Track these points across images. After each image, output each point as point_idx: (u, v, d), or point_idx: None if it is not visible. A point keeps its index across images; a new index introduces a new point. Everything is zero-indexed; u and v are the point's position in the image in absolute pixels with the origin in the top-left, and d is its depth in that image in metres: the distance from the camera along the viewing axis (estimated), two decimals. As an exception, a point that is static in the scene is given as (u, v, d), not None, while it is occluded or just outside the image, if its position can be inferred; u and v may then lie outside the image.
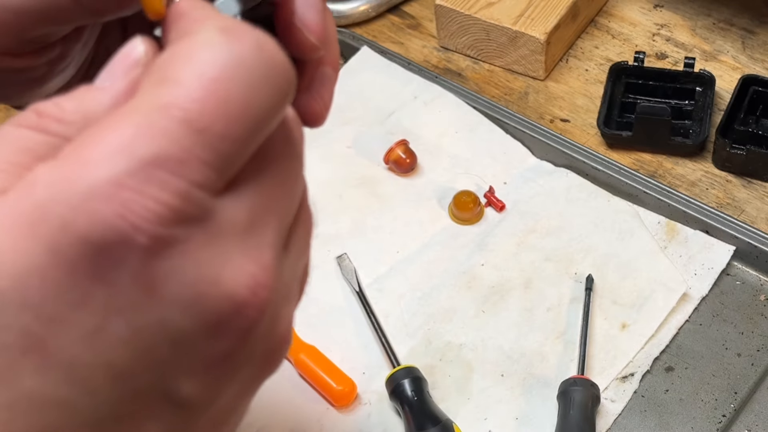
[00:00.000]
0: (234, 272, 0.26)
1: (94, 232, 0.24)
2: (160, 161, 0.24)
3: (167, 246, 0.25)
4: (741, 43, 0.94)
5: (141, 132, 0.24)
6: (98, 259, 0.24)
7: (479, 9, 0.92)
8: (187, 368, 0.26)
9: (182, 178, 0.24)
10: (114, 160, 0.24)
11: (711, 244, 0.77)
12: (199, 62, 0.25)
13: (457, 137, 0.87)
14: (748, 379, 0.69)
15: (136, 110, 0.25)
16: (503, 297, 0.75)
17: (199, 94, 0.25)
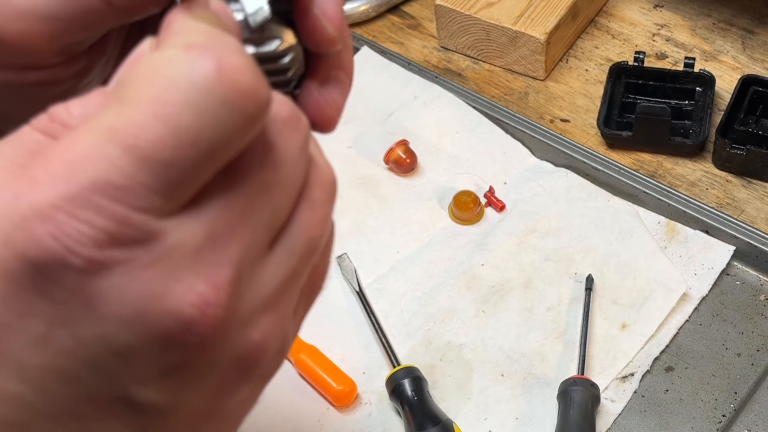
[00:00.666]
0: (181, 291, 0.26)
1: (30, 250, 0.25)
2: (97, 187, 0.25)
3: (103, 267, 0.25)
4: (741, 43, 0.94)
5: (86, 156, 0.25)
6: (37, 275, 0.25)
7: (479, 9, 0.92)
8: (141, 377, 0.27)
9: (120, 204, 0.25)
10: (56, 183, 0.25)
11: (711, 244, 0.77)
12: (153, 84, 0.26)
13: (457, 137, 0.87)
14: (748, 379, 0.69)
15: (89, 131, 0.25)
16: (503, 297, 0.75)
17: (147, 120, 0.25)
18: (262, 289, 0.29)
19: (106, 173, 0.25)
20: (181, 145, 0.25)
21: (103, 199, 0.25)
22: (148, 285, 0.26)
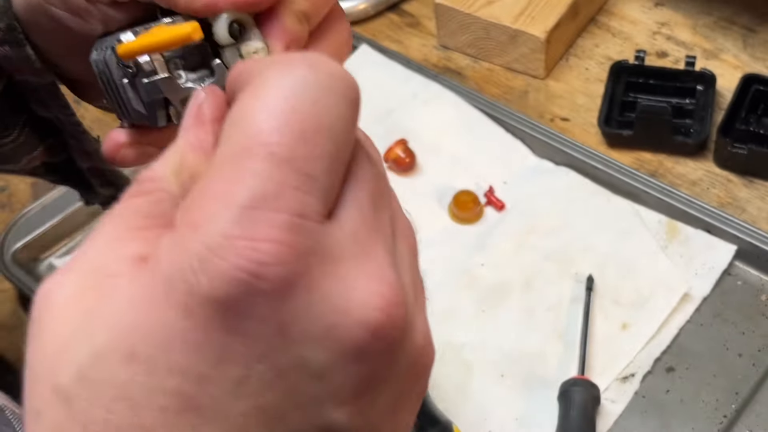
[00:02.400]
0: (362, 297, 0.26)
1: (216, 289, 0.24)
2: (257, 202, 0.25)
3: (289, 285, 0.25)
4: (742, 42, 0.93)
5: (232, 180, 0.25)
6: (228, 313, 0.25)
7: (479, 7, 0.92)
8: (337, 398, 0.26)
9: (283, 212, 0.25)
10: (217, 216, 0.25)
11: (712, 243, 0.76)
12: (264, 98, 0.26)
13: (456, 136, 0.86)
14: (750, 380, 0.69)
15: (222, 162, 0.26)
16: (503, 297, 0.75)
17: (272, 126, 0.26)
18: (408, 287, 0.29)
19: (260, 186, 0.25)
20: (311, 138, 0.26)
21: (268, 212, 0.25)
22: (330, 297, 0.26)
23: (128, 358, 0.25)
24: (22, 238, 0.81)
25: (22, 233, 0.81)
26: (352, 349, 0.26)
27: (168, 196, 0.28)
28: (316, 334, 0.25)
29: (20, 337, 0.80)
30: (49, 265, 0.81)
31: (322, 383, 0.26)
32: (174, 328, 0.25)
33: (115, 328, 0.25)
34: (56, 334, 0.26)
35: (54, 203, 0.83)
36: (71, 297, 0.27)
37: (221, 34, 0.36)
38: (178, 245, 0.25)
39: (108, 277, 0.27)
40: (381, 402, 0.27)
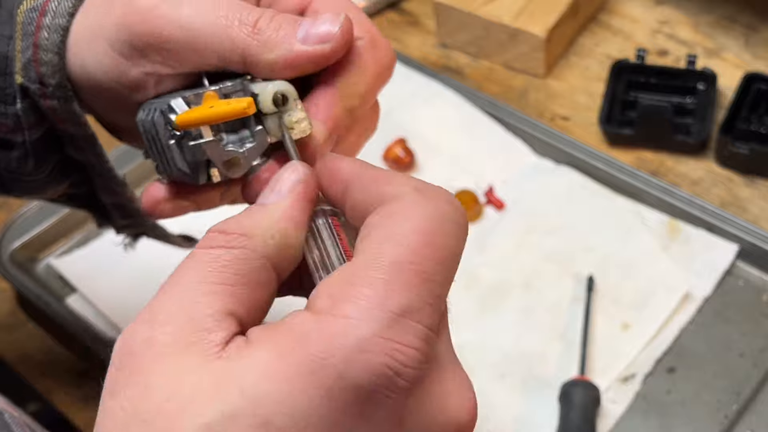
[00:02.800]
0: (456, 400, 0.31)
1: (365, 379, 0.28)
2: (406, 312, 0.29)
3: (416, 385, 0.29)
4: (744, 40, 0.93)
5: (387, 287, 0.29)
6: (366, 401, 0.28)
7: (479, 6, 0.91)
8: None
9: (423, 324, 0.29)
10: (373, 317, 0.29)
11: (714, 243, 0.76)
12: (413, 221, 0.31)
13: (456, 135, 0.86)
14: (751, 380, 0.69)
15: (374, 268, 0.30)
16: (503, 297, 0.75)
17: (424, 252, 0.30)
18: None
19: (409, 298, 0.29)
20: (445, 266, 0.31)
21: (414, 322, 0.29)
22: (436, 397, 0.30)
23: (262, 425, 0.28)
24: (20, 238, 0.81)
25: (19, 232, 0.81)
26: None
27: (255, 256, 0.31)
28: (420, 427, 0.30)
29: (19, 337, 0.80)
30: (47, 264, 0.81)
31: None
32: (315, 407, 0.28)
33: (251, 395, 0.28)
34: (173, 388, 0.29)
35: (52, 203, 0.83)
36: (172, 349, 0.29)
37: (265, 104, 0.38)
38: (333, 334, 0.28)
39: (205, 332, 0.30)
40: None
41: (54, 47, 0.42)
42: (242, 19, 0.38)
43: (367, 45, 0.40)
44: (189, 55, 0.39)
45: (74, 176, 0.50)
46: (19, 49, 0.43)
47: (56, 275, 0.80)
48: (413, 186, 0.32)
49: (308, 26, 0.38)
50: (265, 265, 0.32)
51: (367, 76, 0.40)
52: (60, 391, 0.73)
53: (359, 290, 0.29)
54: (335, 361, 0.28)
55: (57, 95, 0.42)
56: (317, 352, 0.28)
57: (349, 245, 0.34)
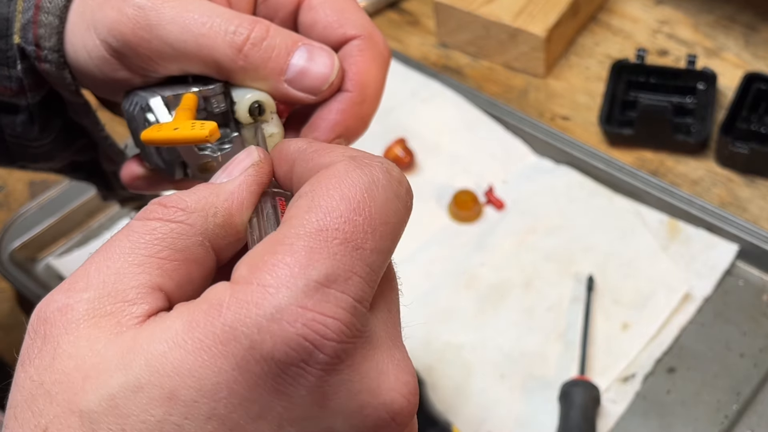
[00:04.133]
0: (391, 382, 0.29)
1: (279, 351, 0.26)
2: (330, 281, 0.27)
3: (340, 360, 0.27)
4: (744, 40, 0.93)
5: (309, 255, 0.27)
6: (281, 375, 0.26)
7: (479, 6, 0.91)
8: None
9: (348, 294, 0.27)
10: (291, 285, 0.27)
11: (713, 243, 0.76)
12: (345, 190, 0.29)
13: (456, 135, 0.86)
14: (751, 380, 0.68)
15: (298, 236, 0.28)
16: (503, 297, 0.75)
17: (351, 218, 0.28)
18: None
19: (334, 267, 0.27)
20: (378, 234, 0.29)
21: (337, 292, 0.27)
22: (367, 378, 0.28)
23: (168, 397, 0.26)
24: (20, 238, 0.81)
25: (19, 233, 0.81)
26: (371, 428, 0.28)
27: (193, 232, 0.30)
28: (349, 410, 0.28)
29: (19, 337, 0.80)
30: (47, 264, 0.81)
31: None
32: (224, 378, 0.26)
33: (157, 366, 0.26)
34: (80, 358, 0.27)
35: (51, 203, 0.83)
36: (87, 320, 0.28)
37: (242, 113, 0.38)
38: (247, 303, 0.26)
39: (126, 303, 0.28)
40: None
41: (56, 10, 0.41)
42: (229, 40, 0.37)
43: (364, 45, 0.40)
44: (174, 67, 0.39)
45: (79, 142, 0.49)
46: (20, 9, 0.43)
47: (56, 275, 0.80)
48: (348, 155, 0.31)
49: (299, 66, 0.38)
50: (202, 243, 0.30)
51: (373, 83, 0.40)
52: (60, 391, 0.73)
53: (280, 258, 0.27)
54: (247, 330, 0.26)
55: (50, 59, 0.42)
56: (229, 322, 0.26)
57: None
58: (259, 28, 0.38)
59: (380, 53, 0.40)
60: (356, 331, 0.27)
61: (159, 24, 0.38)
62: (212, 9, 0.38)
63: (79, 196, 0.83)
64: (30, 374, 0.28)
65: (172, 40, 0.38)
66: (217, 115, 0.39)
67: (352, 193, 0.29)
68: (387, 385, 0.28)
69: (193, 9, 0.38)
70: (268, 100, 0.38)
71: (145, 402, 0.26)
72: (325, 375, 0.27)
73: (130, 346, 0.27)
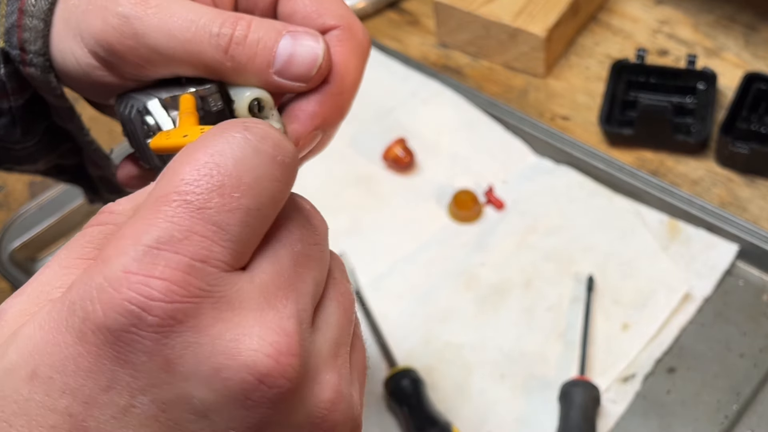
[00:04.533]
0: (253, 343, 0.27)
1: (109, 318, 0.26)
2: (163, 243, 0.27)
3: (177, 322, 0.27)
4: (744, 40, 0.93)
5: (145, 222, 0.27)
6: (117, 342, 0.26)
7: (479, 6, 0.91)
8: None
9: (183, 255, 0.27)
10: (123, 252, 0.27)
11: (713, 243, 0.76)
12: (192, 154, 0.29)
13: (456, 135, 0.86)
14: (751, 380, 0.68)
15: (144, 206, 0.28)
16: (503, 297, 0.75)
17: (192, 178, 0.28)
18: (319, 347, 0.30)
19: (167, 229, 0.27)
20: (227, 193, 0.28)
21: (169, 254, 0.27)
22: (220, 340, 0.27)
23: (30, 376, 0.27)
24: (20, 238, 0.81)
25: (19, 233, 0.81)
26: (237, 393, 0.27)
27: (112, 229, 0.30)
28: (202, 374, 0.27)
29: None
30: (47, 264, 0.81)
31: (206, 423, 0.27)
32: (69, 351, 0.27)
33: (24, 348, 0.27)
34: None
35: (51, 203, 0.83)
36: (15, 318, 0.29)
37: (242, 111, 0.38)
38: (86, 276, 0.27)
39: (49, 302, 0.28)
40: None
41: (41, 14, 0.41)
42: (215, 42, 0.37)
43: (343, 35, 0.40)
44: (166, 71, 0.39)
45: (63, 146, 0.50)
46: (3, 13, 0.43)
47: (56, 275, 0.80)
48: (220, 124, 0.31)
49: (285, 55, 0.38)
50: None
51: (350, 73, 0.39)
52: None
53: (122, 232, 0.28)
54: (82, 303, 0.27)
55: (35, 63, 0.42)
56: (72, 297, 0.27)
57: None
58: (241, 26, 0.38)
59: (359, 44, 0.40)
60: (194, 290, 0.27)
61: (145, 33, 0.38)
62: (195, 11, 0.38)
63: (79, 196, 0.83)
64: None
65: (160, 48, 0.38)
66: (214, 113, 0.39)
67: (196, 156, 0.28)
68: (248, 345, 0.27)
69: (177, 13, 0.38)
70: (267, 97, 0.38)
71: (14, 383, 0.27)
72: (162, 338, 0.26)
73: (13, 334, 0.28)
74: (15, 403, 0.27)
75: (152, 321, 0.26)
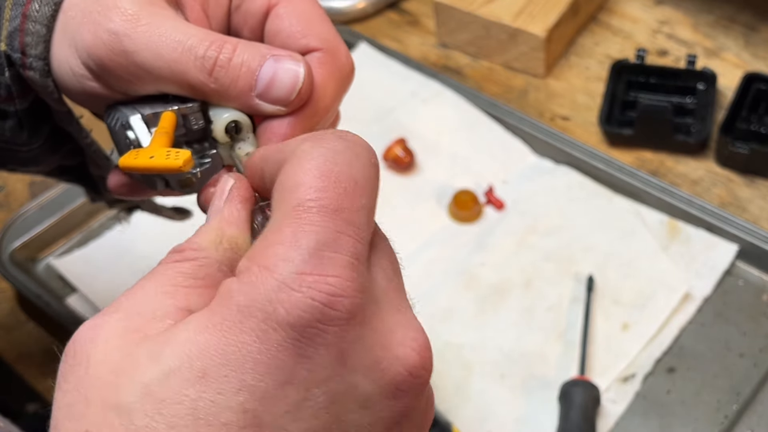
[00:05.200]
0: (400, 337, 0.30)
1: (292, 315, 0.28)
2: (321, 246, 0.29)
3: (353, 315, 0.29)
4: (743, 40, 0.93)
5: (295, 231, 0.29)
6: (299, 338, 0.28)
7: (479, 6, 0.91)
8: (374, 430, 0.30)
9: (342, 254, 0.29)
10: (288, 258, 0.29)
11: (713, 243, 0.76)
12: (305, 165, 0.31)
13: (456, 135, 0.86)
14: (751, 380, 0.69)
15: (281, 218, 0.30)
16: (503, 297, 0.75)
17: (319, 185, 0.30)
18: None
19: (320, 233, 0.29)
20: (351, 193, 0.30)
21: (332, 253, 0.29)
22: (376, 333, 0.30)
23: (199, 377, 0.28)
24: (20, 238, 0.81)
25: (19, 233, 0.81)
26: (390, 383, 0.30)
27: (211, 262, 0.32)
28: (366, 365, 0.29)
29: (18, 336, 0.80)
30: (47, 264, 0.81)
31: (366, 413, 0.30)
32: (248, 350, 0.28)
33: (184, 350, 0.28)
34: (112, 362, 0.29)
35: (51, 203, 0.83)
36: (117, 335, 0.30)
37: (218, 133, 0.39)
38: (252, 283, 0.29)
39: (154, 320, 0.30)
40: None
41: (44, 19, 0.42)
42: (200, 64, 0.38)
43: (325, 58, 0.40)
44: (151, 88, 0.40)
45: (67, 147, 0.50)
46: (7, 17, 0.43)
47: (56, 275, 0.80)
48: (303, 138, 0.33)
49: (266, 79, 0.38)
50: (219, 268, 0.33)
51: (326, 97, 0.40)
52: (60, 391, 0.73)
53: (270, 241, 0.29)
54: (260, 305, 0.28)
55: (35, 66, 0.43)
56: (242, 302, 0.29)
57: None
58: (226, 49, 0.38)
59: (340, 68, 0.41)
60: (361, 285, 0.29)
61: (134, 50, 0.38)
62: (183, 31, 0.39)
63: (79, 196, 0.83)
64: (65, 389, 0.29)
65: (148, 66, 0.39)
66: (196, 131, 0.40)
67: (314, 165, 0.30)
68: (396, 340, 0.30)
69: (165, 33, 0.39)
70: (245, 120, 0.39)
71: (178, 384, 0.28)
72: (340, 331, 0.28)
73: (159, 343, 0.29)
74: (178, 404, 0.28)
75: (335, 315, 0.28)
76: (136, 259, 0.60)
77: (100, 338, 0.30)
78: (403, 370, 0.30)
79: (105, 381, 0.29)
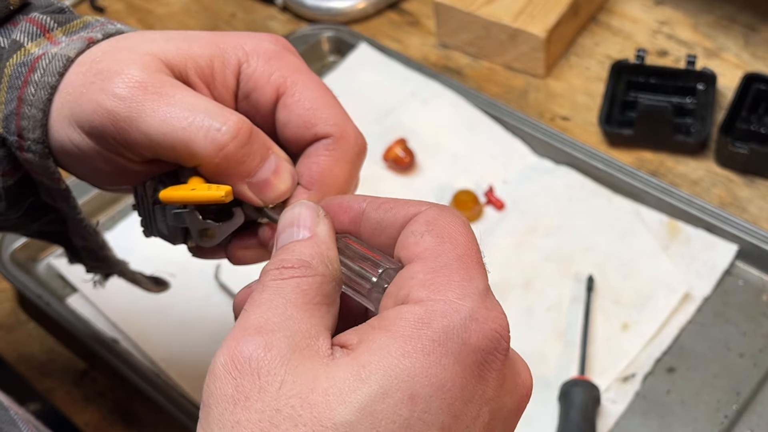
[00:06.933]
0: (523, 366, 0.36)
1: (483, 342, 0.33)
2: (485, 290, 0.34)
3: (509, 347, 0.34)
4: (743, 41, 0.93)
5: (466, 273, 0.34)
6: (482, 362, 0.33)
7: (479, 6, 0.91)
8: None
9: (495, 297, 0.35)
10: (469, 294, 0.34)
11: (713, 243, 0.76)
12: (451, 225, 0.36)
13: (456, 135, 0.86)
14: (751, 380, 0.69)
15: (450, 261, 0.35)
16: (503, 297, 0.75)
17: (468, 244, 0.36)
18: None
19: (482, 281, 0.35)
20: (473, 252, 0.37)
21: (492, 298, 0.35)
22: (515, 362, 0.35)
23: (409, 398, 0.31)
24: (20, 238, 0.81)
25: (19, 233, 0.81)
26: (520, 403, 0.35)
27: (327, 280, 0.35)
28: (511, 388, 0.34)
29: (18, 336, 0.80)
30: (47, 264, 0.81)
31: (502, 426, 0.34)
32: (449, 372, 0.32)
33: (394, 374, 0.31)
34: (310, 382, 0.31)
35: (52, 203, 0.83)
36: (294, 353, 0.32)
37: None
38: (446, 312, 0.33)
39: (311, 338, 0.33)
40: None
41: (40, 103, 0.42)
42: (212, 138, 0.39)
43: (333, 144, 0.42)
44: (148, 154, 0.41)
45: (47, 217, 0.51)
46: (2, 101, 0.44)
47: (56, 275, 0.80)
48: (427, 203, 0.38)
49: (263, 177, 0.41)
50: (336, 287, 0.36)
51: (337, 182, 0.43)
52: (60, 390, 0.73)
53: (449, 278, 0.34)
54: (457, 331, 0.32)
55: (34, 149, 0.43)
56: (441, 328, 0.32)
57: (371, 250, 0.39)
58: (244, 131, 0.40)
59: (348, 151, 0.43)
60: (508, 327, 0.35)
61: (140, 117, 0.39)
62: (196, 103, 0.40)
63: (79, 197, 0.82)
64: (257, 408, 0.31)
65: (152, 133, 0.39)
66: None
67: (459, 227, 0.36)
68: (522, 368, 0.36)
69: (176, 103, 0.40)
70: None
71: (392, 405, 0.31)
72: (505, 359, 0.33)
73: (358, 366, 0.32)
74: (393, 423, 0.31)
75: (504, 346, 0.33)
76: (137, 260, 0.60)
77: (278, 356, 0.32)
78: (525, 392, 0.35)
79: (312, 401, 0.31)
